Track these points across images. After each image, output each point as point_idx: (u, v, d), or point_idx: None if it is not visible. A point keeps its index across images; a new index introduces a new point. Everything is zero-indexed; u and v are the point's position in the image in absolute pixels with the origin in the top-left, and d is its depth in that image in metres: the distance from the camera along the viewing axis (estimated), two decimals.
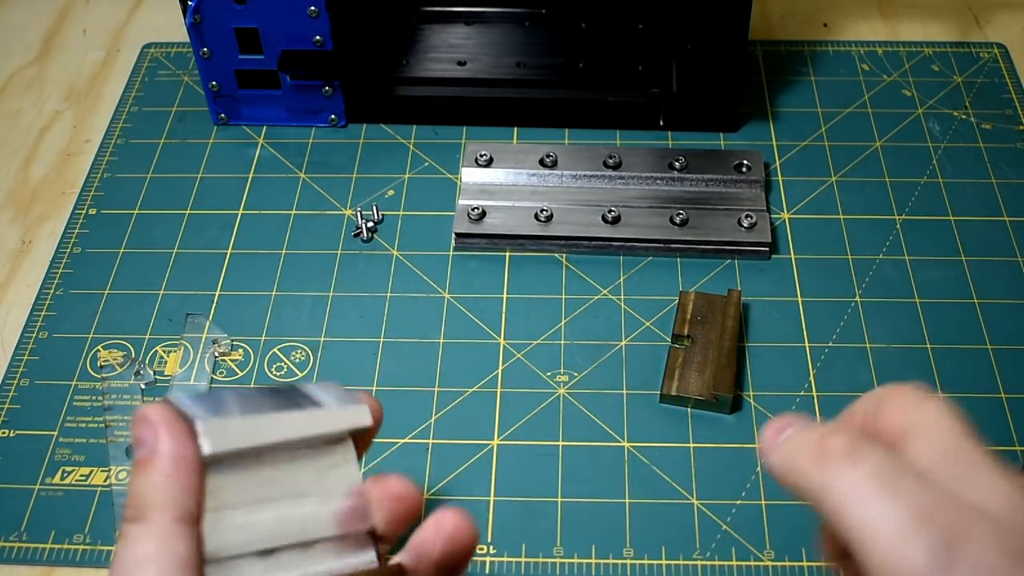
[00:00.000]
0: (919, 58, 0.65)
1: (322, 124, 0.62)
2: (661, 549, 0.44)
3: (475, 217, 0.55)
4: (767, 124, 0.61)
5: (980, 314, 0.51)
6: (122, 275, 0.55)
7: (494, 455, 0.47)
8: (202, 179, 0.59)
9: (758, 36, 0.66)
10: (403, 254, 0.55)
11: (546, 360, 0.50)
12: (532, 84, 0.60)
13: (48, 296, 0.54)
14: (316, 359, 0.51)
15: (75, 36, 0.70)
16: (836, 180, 0.58)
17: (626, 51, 0.61)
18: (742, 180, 0.56)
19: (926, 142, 0.60)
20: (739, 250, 0.54)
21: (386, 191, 0.58)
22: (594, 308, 0.52)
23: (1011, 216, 0.56)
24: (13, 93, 0.66)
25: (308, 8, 0.55)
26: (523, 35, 0.63)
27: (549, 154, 0.57)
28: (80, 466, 0.47)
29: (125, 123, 0.63)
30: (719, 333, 0.49)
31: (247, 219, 0.57)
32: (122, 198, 0.59)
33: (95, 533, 0.45)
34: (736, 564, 0.43)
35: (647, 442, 0.47)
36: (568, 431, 0.48)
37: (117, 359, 0.51)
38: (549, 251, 0.55)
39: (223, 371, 0.50)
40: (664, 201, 0.55)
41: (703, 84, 0.58)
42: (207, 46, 0.58)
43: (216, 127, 0.62)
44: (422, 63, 0.61)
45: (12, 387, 0.50)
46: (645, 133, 0.61)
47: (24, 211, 0.59)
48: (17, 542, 0.45)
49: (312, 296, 0.53)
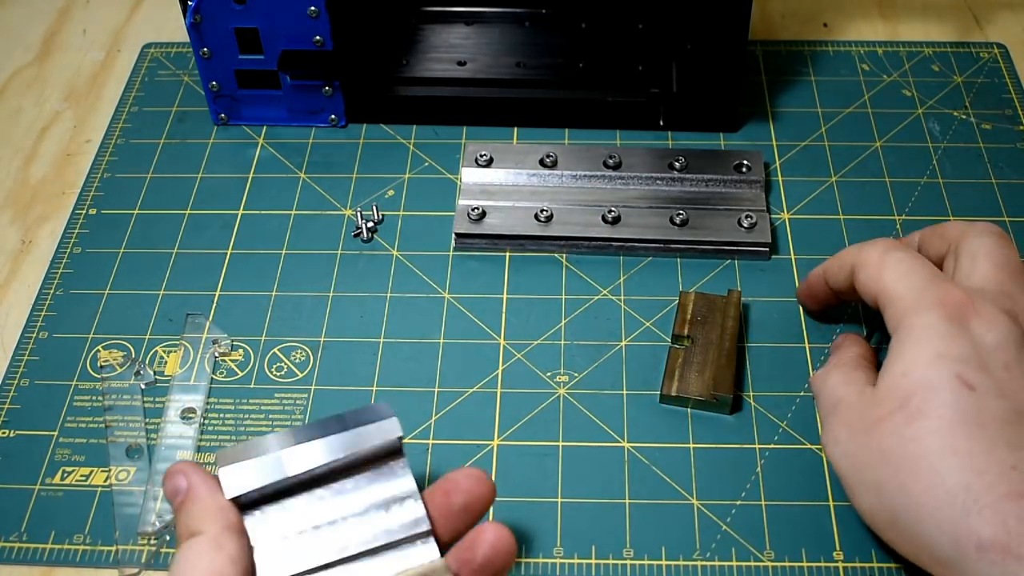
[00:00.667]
0: (919, 58, 0.65)
1: (322, 124, 0.62)
2: (661, 549, 0.44)
3: (475, 217, 0.55)
4: (767, 124, 0.61)
5: None
6: (122, 275, 0.55)
7: (494, 455, 0.47)
8: (202, 179, 0.59)
9: (758, 36, 0.66)
10: (403, 254, 0.55)
11: (546, 360, 0.50)
12: (532, 84, 0.60)
13: (48, 296, 0.54)
14: (316, 359, 0.51)
15: (75, 36, 0.70)
16: (836, 180, 0.58)
17: (626, 51, 0.61)
18: (742, 180, 0.56)
19: (926, 142, 0.60)
20: (739, 250, 0.54)
21: (386, 191, 0.58)
22: (594, 308, 0.52)
23: (1011, 216, 0.56)
24: (13, 93, 0.66)
25: (308, 8, 0.55)
26: (523, 35, 0.63)
27: (549, 154, 0.57)
28: (80, 466, 0.47)
29: (125, 123, 0.63)
30: (719, 333, 0.49)
31: (247, 219, 0.57)
32: (122, 198, 0.59)
33: (95, 533, 0.45)
34: (736, 564, 0.43)
35: (647, 442, 0.47)
36: (568, 431, 0.48)
37: (117, 359, 0.51)
38: (549, 251, 0.55)
39: (223, 371, 0.50)
40: (664, 201, 0.55)
41: (703, 84, 0.58)
42: (207, 46, 0.58)
43: (216, 127, 0.62)
44: (422, 63, 0.61)
45: (12, 387, 0.50)
46: (645, 133, 0.61)
47: (24, 211, 0.59)
48: (17, 542, 0.45)
49: (312, 296, 0.53)
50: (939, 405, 0.37)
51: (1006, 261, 0.42)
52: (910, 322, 0.40)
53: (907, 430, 0.37)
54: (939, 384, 0.37)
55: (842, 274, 0.45)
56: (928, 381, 0.38)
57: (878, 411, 0.39)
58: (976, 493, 0.35)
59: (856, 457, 0.39)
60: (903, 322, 0.40)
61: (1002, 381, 0.37)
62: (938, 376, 0.38)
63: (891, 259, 0.42)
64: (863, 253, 0.44)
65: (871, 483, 0.38)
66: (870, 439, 0.38)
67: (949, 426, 0.36)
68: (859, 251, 0.44)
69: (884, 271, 0.42)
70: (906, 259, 0.42)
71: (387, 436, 0.37)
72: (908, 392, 0.38)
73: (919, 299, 0.40)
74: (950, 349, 0.38)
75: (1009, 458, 0.35)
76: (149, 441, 0.48)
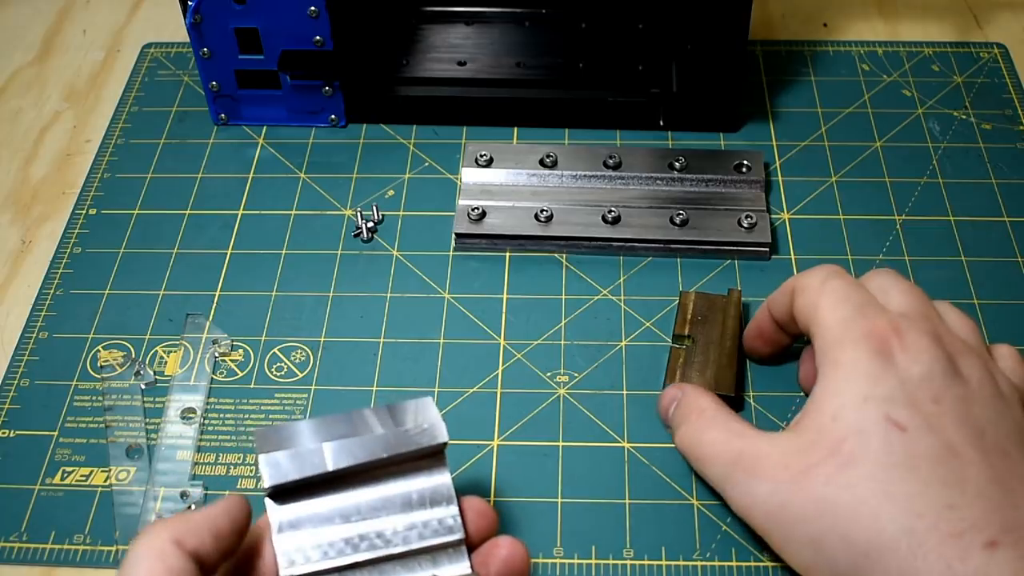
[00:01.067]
0: (919, 58, 0.65)
1: (322, 124, 0.62)
2: (661, 550, 0.44)
3: (475, 217, 0.55)
4: (767, 124, 0.61)
5: (980, 315, 0.51)
6: (122, 275, 0.55)
7: (494, 455, 0.47)
8: (202, 179, 0.59)
9: (758, 36, 0.66)
10: (403, 254, 0.55)
11: (546, 360, 0.50)
12: (532, 84, 0.60)
13: (48, 296, 0.54)
14: (316, 359, 0.51)
15: (75, 36, 0.70)
16: (836, 180, 0.58)
17: (626, 51, 0.61)
18: (742, 180, 0.56)
19: (926, 142, 0.60)
20: (739, 250, 0.54)
21: (386, 191, 0.58)
22: (594, 308, 0.52)
23: (1011, 216, 0.56)
24: (13, 93, 0.66)
25: (308, 8, 0.55)
26: (523, 35, 0.63)
27: (549, 154, 0.57)
28: (80, 466, 0.47)
29: (125, 123, 0.63)
30: (720, 333, 0.49)
31: (247, 219, 0.57)
32: (122, 198, 0.59)
33: (95, 533, 0.45)
34: (736, 565, 0.43)
35: (647, 442, 0.47)
36: (568, 431, 0.48)
37: (117, 359, 0.51)
38: (549, 251, 0.55)
39: (223, 371, 0.50)
40: (664, 201, 0.55)
41: (703, 84, 0.58)
42: (207, 46, 0.58)
43: (216, 127, 0.62)
44: (422, 63, 0.61)
45: (12, 387, 0.50)
46: (645, 133, 0.61)
47: (24, 211, 0.59)
48: (17, 542, 0.45)
49: (312, 296, 0.53)
50: (871, 450, 0.36)
51: (912, 287, 0.42)
52: (835, 357, 0.39)
53: (841, 477, 0.36)
54: (869, 428, 0.36)
55: (784, 300, 0.44)
56: (858, 425, 0.37)
57: (806, 459, 0.37)
58: (919, 537, 0.34)
59: (784, 511, 0.37)
60: (828, 355, 0.39)
61: (931, 416, 0.37)
62: (867, 419, 0.37)
63: (829, 287, 0.41)
64: (804, 278, 0.43)
65: (805, 538, 0.37)
66: (800, 489, 0.37)
67: (884, 470, 0.36)
68: (801, 276, 0.43)
69: (821, 298, 0.41)
70: (842, 287, 0.41)
71: (433, 439, 0.36)
72: (838, 437, 0.37)
73: (845, 331, 0.39)
74: (877, 389, 0.37)
75: (944, 496, 0.35)
76: (149, 441, 0.48)
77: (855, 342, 0.38)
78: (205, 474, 0.47)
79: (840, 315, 0.40)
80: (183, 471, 0.47)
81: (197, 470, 0.47)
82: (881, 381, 0.37)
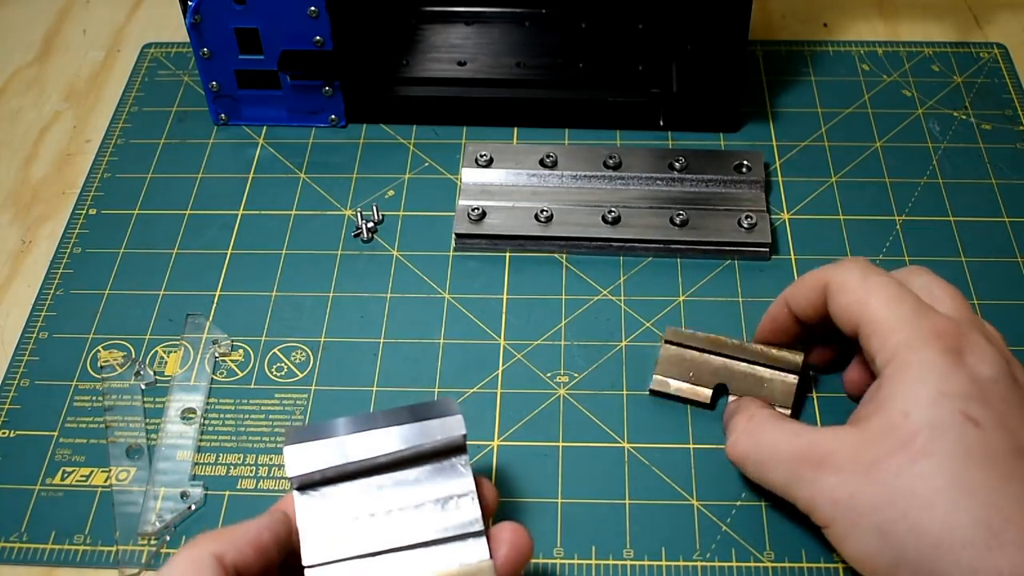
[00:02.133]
0: (919, 58, 0.65)
1: (322, 124, 0.62)
2: (661, 550, 0.44)
3: (475, 217, 0.55)
4: (767, 124, 0.61)
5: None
6: (122, 275, 0.55)
7: (494, 455, 0.47)
8: (202, 179, 0.59)
9: (758, 36, 0.66)
10: (403, 254, 0.55)
11: (546, 360, 0.50)
12: (532, 84, 0.60)
13: (48, 296, 0.54)
14: (316, 359, 0.51)
15: (75, 36, 0.70)
16: (836, 180, 0.58)
17: (626, 51, 0.61)
18: (742, 180, 0.56)
19: (926, 142, 0.60)
20: (739, 250, 0.54)
21: (386, 191, 0.58)
22: (594, 308, 0.52)
23: (1011, 217, 0.56)
24: (13, 93, 0.66)
25: (308, 8, 0.55)
26: (523, 35, 0.63)
27: (549, 154, 0.57)
28: (80, 466, 0.47)
29: (125, 123, 0.63)
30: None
31: (247, 219, 0.57)
32: (122, 198, 0.59)
33: (95, 533, 0.45)
34: (736, 565, 0.43)
35: (647, 443, 0.47)
36: (568, 432, 0.48)
37: (117, 359, 0.51)
38: (549, 251, 0.55)
39: (223, 371, 0.50)
40: (664, 201, 0.55)
41: (703, 84, 0.58)
42: (207, 46, 0.58)
43: (216, 127, 0.62)
44: (422, 63, 0.61)
45: (12, 387, 0.50)
46: (645, 133, 0.61)
47: (24, 211, 0.59)
48: (17, 542, 0.45)
49: (312, 296, 0.53)
50: (947, 443, 0.36)
51: (955, 290, 0.42)
52: (906, 357, 0.38)
53: (915, 468, 0.36)
54: (944, 423, 0.36)
55: (812, 296, 0.43)
56: (932, 420, 0.37)
57: (875, 451, 0.37)
58: (996, 529, 0.34)
59: (853, 500, 0.37)
60: (897, 356, 0.39)
61: (1003, 415, 0.37)
62: (942, 415, 0.37)
63: (874, 284, 0.41)
64: (840, 275, 0.42)
65: (873, 526, 0.37)
66: (871, 480, 0.37)
67: (960, 462, 0.36)
68: (834, 273, 0.42)
69: (870, 296, 0.40)
70: (890, 284, 0.41)
71: (451, 433, 0.38)
72: (911, 431, 0.37)
73: (913, 332, 0.39)
74: (952, 386, 0.37)
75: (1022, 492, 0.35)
76: (149, 441, 0.48)
77: (924, 342, 0.38)
78: (205, 474, 0.47)
79: (899, 314, 0.39)
80: (183, 471, 0.47)
81: (197, 470, 0.47)
82: (954, 379, 0.37)
